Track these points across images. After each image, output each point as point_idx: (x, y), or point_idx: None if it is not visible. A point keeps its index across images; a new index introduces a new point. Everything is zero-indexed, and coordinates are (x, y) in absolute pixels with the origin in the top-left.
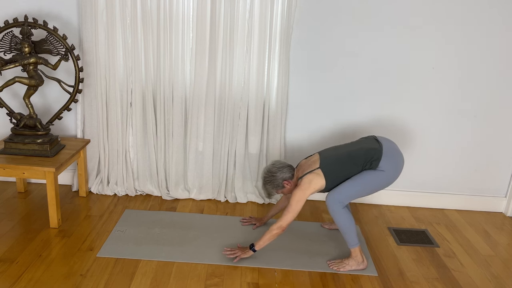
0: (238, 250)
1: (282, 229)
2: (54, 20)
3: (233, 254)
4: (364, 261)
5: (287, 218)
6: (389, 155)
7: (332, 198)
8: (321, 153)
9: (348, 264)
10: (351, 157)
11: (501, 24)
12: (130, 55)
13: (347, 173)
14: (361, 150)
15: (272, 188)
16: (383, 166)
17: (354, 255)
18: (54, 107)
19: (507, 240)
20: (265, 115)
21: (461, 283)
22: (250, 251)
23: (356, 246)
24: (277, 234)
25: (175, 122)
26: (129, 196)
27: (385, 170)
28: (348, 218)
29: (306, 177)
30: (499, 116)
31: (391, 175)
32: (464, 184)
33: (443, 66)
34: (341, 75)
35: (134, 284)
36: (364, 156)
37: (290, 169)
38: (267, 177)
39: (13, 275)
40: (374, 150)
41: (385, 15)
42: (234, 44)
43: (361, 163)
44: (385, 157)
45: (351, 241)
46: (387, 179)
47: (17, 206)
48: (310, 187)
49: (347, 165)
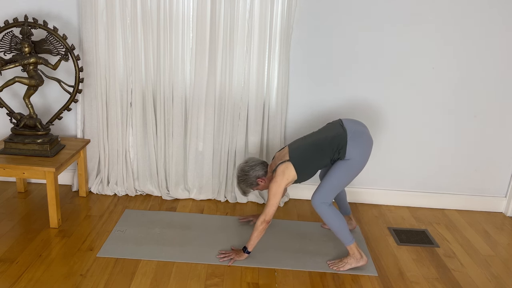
0: (232, 253)
1: (266, 223)
2: (54, 20)
3: (227, 257)
4: (363, 257)
5: (268, 211)
6: (354, 140)
7: (316, 201)
8: (290, 145)
9: (347, 263)
10: (317, 146)
11: (501, 24)
12: (130, 55)
13: (317, 163)
14: (326, 139)
15: (246, 187)
16: (351, 153)
17: (351, 252)
18: (54, 107)
19: (507, 240)
20: (265, 115)
21: (461, 283)
22: (244, 253)
23: (351, 243)
24: (264, 229)
25: (175, 122)
26: (129, 196)
27: (354, 157)
28: (336, 217)
29: (279, 168)
30: (499, 116)
31: (361, 160)
32: (464, 184)
33: (443, 66)
34: (341, 75)
35: (134, 284)
36: (329, 145)
37: (263, 166)
38: (241, 176)
39: (13, 275)
40: (339, 136)
41: (385, 15)
42: (234, 44)
43: (328, 152)
44: (351, 142)
45: (345, 239)
46: (359, 165)
47: (17, 206)
48: (284, 178)
49: (314, 154)
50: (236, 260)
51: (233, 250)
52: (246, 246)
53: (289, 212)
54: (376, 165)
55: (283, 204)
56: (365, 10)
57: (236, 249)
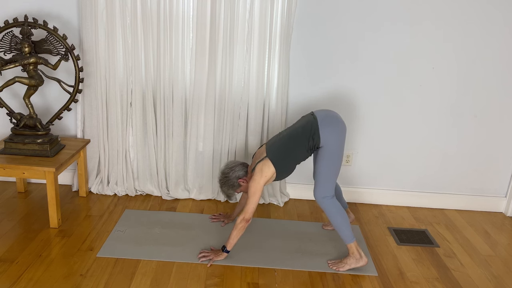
0: (211, 253)
1: (246, 221)
2: (54, 20)
3: (206, 257)
4: (362, 257)
5: (247, 210)
6: (324, 124)
7: (318, 197)
8: (267, 142)
9: (347, 264)
10: (292, 138)
11: (502, 25)
12: (130, 55)
13: (294, 154)
14: (298, 128)
15: (228, 189)
16: (325, 138)
17: (351, 251)
18: (54, 107)
19: (507, 240)
20: (265, 115)
21: (461, 283)
22: (223, 253)
23: (352, 241)
24: (243, 227)
25: (175, 122)
26: (129, 196)
27: (329, 141)
28: (339, 214)
29: (257, 166)
30: (499, 116)
31: (337, 142)
32: (464, 184)
33: (443, 66)
34: (341, 75)
35: (134, 284)
36: (302, 133)
37: (242, 166)
38: (222, 179)
39: (13, 275)
40: (310, 123)
41: (386, 15)
42: (234, 44)
43: (303, 140)
44: (322, 127)
45: (346, 236)
46: (337, 149)
47: (17, 206)
48: (262, 176)
49: (290, 146)
50: (215, 260)
51: (213, 250)
52: (225, 245)
53: (289, 212)
54: (376, 165)
55: (283, 204)
56: (366, 10)
57: (215, 249)
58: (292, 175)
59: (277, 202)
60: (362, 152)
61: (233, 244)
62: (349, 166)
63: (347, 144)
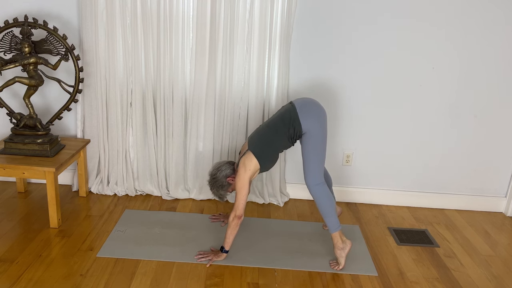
0: (210, 254)
1: (238, 218)
2: (54, 20)
3: (205, 258)
4: (345, 241)
5: (237, 206)
6: (303, 111)
7: (309, 184)
8: (249, 136)
9: (339, 257)
10: (270, 128)
11: (504, 24)
12: (130, 55)
13: (275, 144)
14: (277, 118)
15: (218, 190)
16: (306, 124)
17: (335, 241)
18: (54, 107)
19: (507, 240)
20: (265, 115)
21: (461, 283)
22: (222, 253)
23: (337, 230)
24: (237, 225)
25: (175, 122)
26: (129, 196)
27: (310, 127)
28: (328, 201)
29: (240, 161)
30: (499, 116)
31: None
32: (464, 184)
33: (443, 66)
34: (341, 75)
35: (134, 284)
36: (281, 122)
37: (229, 165)
38: (210, 181)
39: (13, 275)
40: (289, 111)
41: (386, 15)
42: (234, 44)
43: (283, 129)
44: (301, 113)
45: (332, 225)
46: (320, 133)
47: (17, 206)
48: (246, 170)
49: (270, 136)
50: (215, 260)
51: (212, 251)
52: (223, 246)
53: (289, 212)
54: (376, 165)
55: (283, 204)
56: (366, 10)
57: (215, 250)
58: (292, 175)
59: (277, 202)
60: (362, 152)
61: (230, 243)
62: (349, 166)
63: (346, 144)
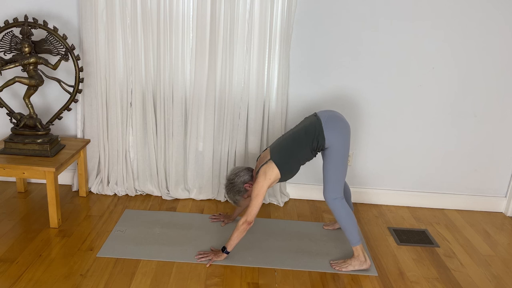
0: (210, 253)
1: (248, 224)
2: (54, 20)
3: (205, 257)
4: (366, 260)
5: (250, 212)
6: (329, 125)
7: (328, 198)
8: (271, 145)
9: (350, 264)
10: (295, 140)
11: (503, 24)
12: (130, 55)
13: (298, 156)
14: (301, 130)
15: (235, 195)
16: (329, 139)
17: (356, 254)
18: (54, 107)
19: (507, 240)
20: (265, 115)
21: (461, 283)
22: (223, 254)
23: (358, 244)
24: (245, 230)
25: (175, 122)
26: (129, 196)
27: (334, 142)
28: (348, 215)
29: (261, 169)
30: (499, 116)
31: (341, 143)
32: (464, 184)
33: (443, 66)
34: (341, 75)
35: (134, 284)
36: (305, 135)
37: (247, 171)
38: (228, 186)
39: (13, 275)
40: (314, 124)
41: (386, 15)
42: (234, 44)
43: (306, 142)
44: (326, 128)
45: (353, 239)
46: (342, 149)
47: (17, 206)
48: (266, 178)
49: (293, 148)
50: (215, 260)
51: (212, 250)
52: (226, 246)
53: (289, 212)
54: (376, 165)
55: (283, 204)
56: (365, 10)
57: (215, 250)
58: None
59: (277, 202)
60: (362, 152)
61: (233, 246)
62: (349, 166)
63: None
